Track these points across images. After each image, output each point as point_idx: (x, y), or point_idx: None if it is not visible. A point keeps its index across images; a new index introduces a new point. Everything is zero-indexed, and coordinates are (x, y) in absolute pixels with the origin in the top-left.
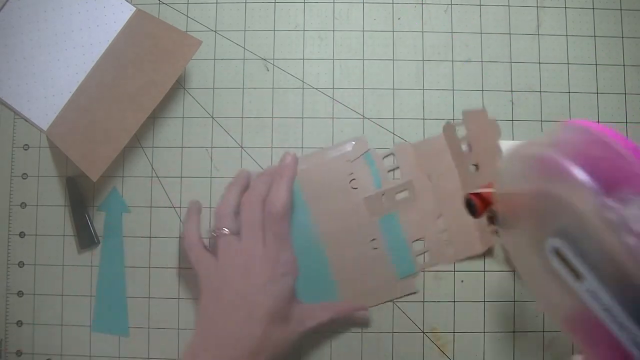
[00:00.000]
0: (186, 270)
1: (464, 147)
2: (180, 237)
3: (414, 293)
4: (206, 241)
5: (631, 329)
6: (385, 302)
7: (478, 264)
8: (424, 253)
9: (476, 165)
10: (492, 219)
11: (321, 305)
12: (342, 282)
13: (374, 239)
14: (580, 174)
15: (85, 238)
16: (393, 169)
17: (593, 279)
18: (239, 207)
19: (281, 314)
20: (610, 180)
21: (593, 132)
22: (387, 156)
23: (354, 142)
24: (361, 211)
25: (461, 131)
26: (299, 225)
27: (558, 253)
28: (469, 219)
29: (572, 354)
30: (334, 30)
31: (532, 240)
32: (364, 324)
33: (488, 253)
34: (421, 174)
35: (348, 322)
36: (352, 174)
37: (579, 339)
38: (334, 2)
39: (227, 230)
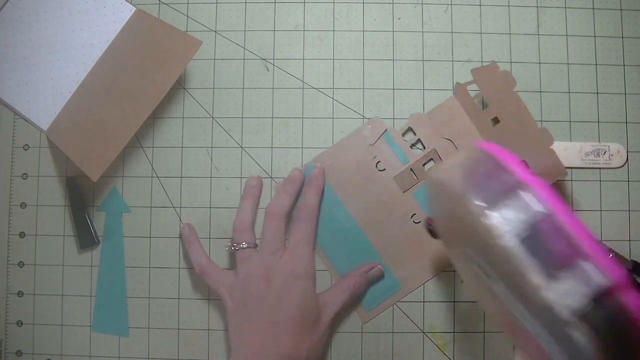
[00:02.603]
0: (186, 270)
1: (477, 104)
2: (180, 237)
3: None
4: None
5: (540, 330)
6: (443, 271)
7: None
8: None
9: (494, 119)
10: (434, 235)
11: (335, 288)
12: (395, 266)
13: (414, 214)
14: (468, 196)
15: (85, 238)
16: (414, 142)
17: (500, 281)
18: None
19: (307, 317)
20: (493, 192)
21: (485, 152)
22: (405, 132)
23: (369, 126)
24: (394, 190)
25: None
26: (337, 221)
27: (473, 260)
28: None
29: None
30: (334, 30)
31: (459, 250)
32: (381, 276)
33: None
34: (442, 140)
35: (368, 284)
36: (375, 157)
37: (512, 339)
38: (334, 2)
39: (245, 244)
